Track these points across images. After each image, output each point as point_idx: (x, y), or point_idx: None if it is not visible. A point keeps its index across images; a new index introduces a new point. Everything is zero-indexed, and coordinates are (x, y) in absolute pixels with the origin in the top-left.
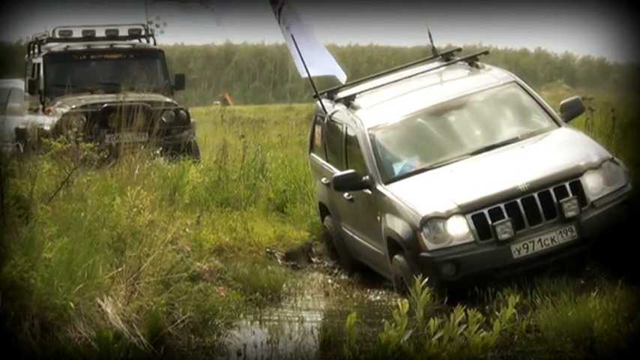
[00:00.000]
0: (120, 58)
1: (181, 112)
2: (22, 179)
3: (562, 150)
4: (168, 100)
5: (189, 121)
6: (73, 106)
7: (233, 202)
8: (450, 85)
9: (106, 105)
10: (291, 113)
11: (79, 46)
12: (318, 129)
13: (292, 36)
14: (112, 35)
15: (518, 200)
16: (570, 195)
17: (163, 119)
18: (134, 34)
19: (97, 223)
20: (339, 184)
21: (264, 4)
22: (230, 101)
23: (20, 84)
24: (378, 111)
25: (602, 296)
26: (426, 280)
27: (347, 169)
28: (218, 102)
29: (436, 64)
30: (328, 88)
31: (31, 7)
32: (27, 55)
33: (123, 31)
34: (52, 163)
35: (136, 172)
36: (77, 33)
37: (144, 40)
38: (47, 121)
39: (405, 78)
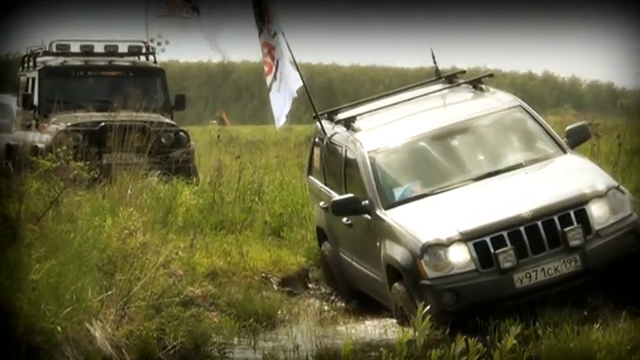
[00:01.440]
0: (118, 76)
1: (181, 133)
2: (9, 198)
3: (567, 177)
4: (167, 120)
5: (189, 143)
6: (69, 124)
7: (228, 225)
8: (454, 108)
9: (103, 124)
10: (290, 134)
11: (76, 62)
12: (317, 151)
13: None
14: (111, 51)
15: (522, 228)
16: (575, 224)
17: (162, 140)
18: (134, 51)
19: (86, 244)
20: (338, 209)
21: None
22: (227, 121)
23: (9, 99)
24: (378, 133)
25: (606, 328)
26: (427, 308)
27: (346, 192)
28: (215, 121)
29: (439, 86)
30: (329, 109)
31: (22, 20)
32: (21, 69)
33: (122, 48)
34: (42, 182)
35: (129, 192)
36: (75, 48)
37: (143, 58)
38: (41, 139)
39: (408, 100)
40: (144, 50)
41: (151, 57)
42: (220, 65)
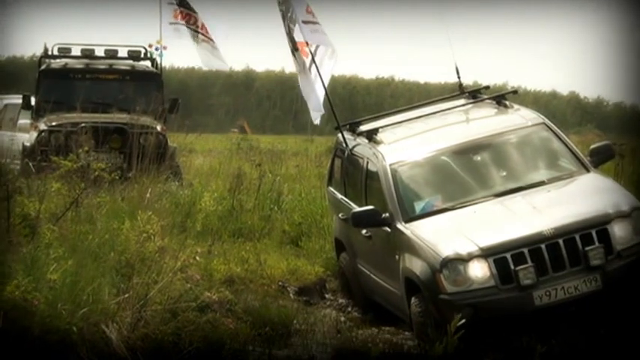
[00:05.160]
0: (116, 79)
1: (160, 136)
2: (30, 198)
3: (590, 196)
4: (147, 123)
5: (167, 145)
6: (52, 124)
7: (246, 233)
8: (477, 123)
9: (83, 124)
10: (310, 145)
11: (77, 64)
12: (337, 162)
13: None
14: (111, 55)
15: (543, 246)
16: (596, 243)
17: (141, 142)
18: (133, 56)
19: (104, 247)
20: (358, 220)
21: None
22: (248, 129)
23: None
24: (401, 146)
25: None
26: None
27: (366, 204)
28: (236, 129)
29: (462, 101)
30: (351, 120)
31: (50, 22)
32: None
33: (122, 52)
34: (62, 183)
35: (147, 196)
36: (76, 51)
37: (147, 63)
38: (30, 138)
39: (431, 114)
40: (142, 55)
41: (155, 61)
42: (243, 74)
